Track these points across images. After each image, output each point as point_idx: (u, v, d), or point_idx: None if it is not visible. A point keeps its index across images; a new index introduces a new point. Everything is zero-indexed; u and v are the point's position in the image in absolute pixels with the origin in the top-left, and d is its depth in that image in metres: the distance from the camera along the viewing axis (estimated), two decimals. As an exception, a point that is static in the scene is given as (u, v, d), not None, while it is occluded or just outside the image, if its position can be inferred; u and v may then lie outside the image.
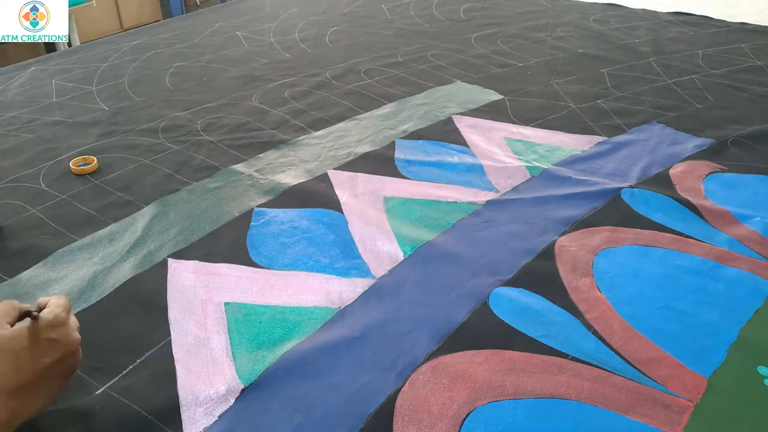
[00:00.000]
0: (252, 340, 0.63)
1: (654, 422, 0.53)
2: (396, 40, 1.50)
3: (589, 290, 0.68)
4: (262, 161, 0.96)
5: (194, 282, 0.70)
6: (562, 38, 1.48)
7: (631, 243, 0.75)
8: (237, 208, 0.84)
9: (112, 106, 1.16)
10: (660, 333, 0.62)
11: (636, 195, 0.84)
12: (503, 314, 0.65)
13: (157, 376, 0.58)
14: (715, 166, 0.92)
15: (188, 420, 0.54)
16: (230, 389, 0.57)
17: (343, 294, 0.68)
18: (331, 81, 1.26)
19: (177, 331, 0.64)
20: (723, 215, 0.80)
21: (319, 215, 0.82)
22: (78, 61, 1.40)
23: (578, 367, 0.58)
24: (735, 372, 0.58)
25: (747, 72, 1.26)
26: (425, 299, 0.67)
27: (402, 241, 0.76)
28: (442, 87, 1.22)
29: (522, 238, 0.77)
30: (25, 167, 0.96)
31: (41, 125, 1.10)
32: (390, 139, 1.01)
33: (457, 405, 0.55)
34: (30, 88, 1.26)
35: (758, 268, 0.71)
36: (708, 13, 1.63)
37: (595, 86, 1.21)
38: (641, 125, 1.05)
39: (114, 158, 0.97)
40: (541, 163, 0.93)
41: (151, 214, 0.83)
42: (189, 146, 1.01)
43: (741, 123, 1.04)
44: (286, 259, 0.74)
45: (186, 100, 1.18)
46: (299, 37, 1.54)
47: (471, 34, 1.53)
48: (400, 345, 0.61)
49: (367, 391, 0.56)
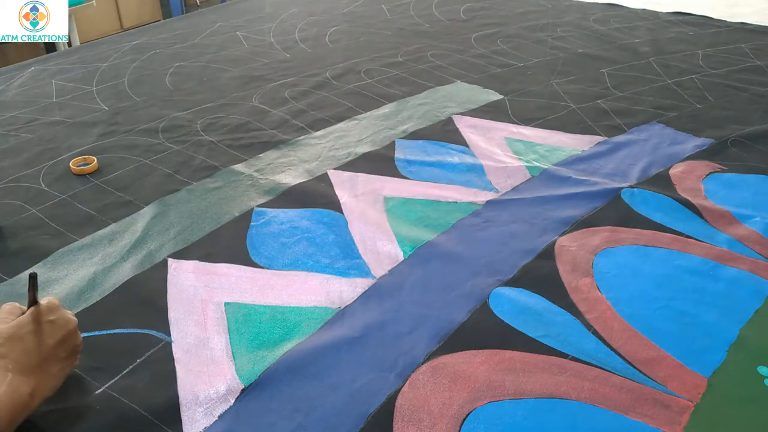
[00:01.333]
0: (252, 340, 0.63)
1: (654, 422, 0.53)
2: (396, 40, 1.50)
3: (589, 290, 0.68)
4: (262, 161, 0.96)
5: (194, 282, 0.70)
6: (562, 38, 1.48)
7: (631, 243, 0.75)
8: (237, 208, 0.84)
9: (112, 106, 1.16)
10: (660, 333, 0.62)
11: (636, 195, 0.84)
12: (503, 314, 0.65)
13: (157, 376, 0.58)
14: (715, 166, 0.92)
15: (188, 420, 0.54)
16: (230, 389, 0.57)
17: (343, 294, 0.68)
18: (331, 81, 1.26)
19: (177, 331, 0.64)
20: (723, 215, 0.80)
21: (319, 215, 0.82)
22: (78, 61, 1.40)
23: (578, 367, 0.58)
24: (735, 372, 0.58)
25: (747, 72, 1.26)
26: (425, 299, 0.67)
27: (402, 241, 0.76)
28: (442, 87, 1.22)
29: (522, 238, 0.77)
30: (25, 167, 0.96)
31: (41, 125, 1.10)
32: (390, 139, 1.01)
33: (457, 405, 0.55)
34: (30, 88, 1.26)
35: (758, 268, 0.71)
36: (708, 13, 1.63)
37: (595, 86, 1.21)
38: (641, 125, 1.05)
39: (114, 158, 0.97)
40: (541, 163, 0.93)
41: (151, 214, 0.83)
42: (189, 146, 1.01)
43: (741, 123, 1.04)
44: (286, 259, 0.74)
45: (186, 100, 1.18)
46: (299, 37, 1.54)
47: (471, 34, 1.53)
48: (400, 345, 0.61)
49: (367, 391, 0.56)
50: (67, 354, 0.55)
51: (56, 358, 0.53)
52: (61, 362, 0.54)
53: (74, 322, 0.56)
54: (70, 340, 0.55)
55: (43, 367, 0.52)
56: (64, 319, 0.55)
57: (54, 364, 0.53)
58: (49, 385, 0.53)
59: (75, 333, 0.56)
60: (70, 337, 0.55)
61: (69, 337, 0.55)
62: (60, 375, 0.54)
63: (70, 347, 0.55)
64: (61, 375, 0.54)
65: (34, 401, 0.51)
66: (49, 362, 0.53)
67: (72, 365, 0.56)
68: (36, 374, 0.51)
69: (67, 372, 0.55)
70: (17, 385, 0.49)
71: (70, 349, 0.55)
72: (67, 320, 0.55)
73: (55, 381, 0.54)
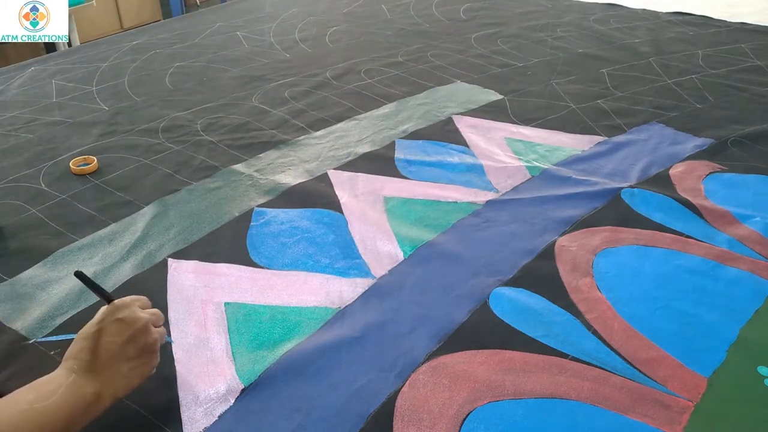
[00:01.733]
0: (252, 340, 0.63)
1: (654, 422, 0.53)
2: (396, 40, 1.50)
3: (589, 290, 0.68)
4: (262, 161, 0.96)
5: (194, 282, 0.70)
6: (562, 38, 1.48)
7: (631, 243, 0.75)
8: (237, 208, 0.84)
9: (112, 106, 1.16)
10: (660, 333, 0.62)
11: (636, 195, 0.84)
12: (503, 314, 0.65)
13: (157, 376, 0.58)
14: (715, 166, 0.92)
15: (188, 420, 0.54)
16: (230, 389, 0.57)
17: (343, 294, 0.68)
18: (331, 81, 1.26)
19: (177, 331, 0.64)
20: (723, 215, 0.80)
21: (319, 215, 0.82)
22: (78, 61, 1.40)
23: (578, 367, 0.58)
24: (735, 372, 0.58)
25: (747, 72, 1.26)
26: (425, 299, 0.67)
27: (402, 241, 0.76)
28: (442, 87, 1.22)
29: (522, 238, 0.77)
30: (25, 167, 0.96)
31: (41, 125, 1.10)
32: (390, 139, 1.01)
33: (457, 405, 0.55)
34: (30, 88, 1.26)
35: (758, 268, 0.71)
36: (708, 13, 1.63)
37: (595, 86, 1.21)
38: (641, 125, 1.05)
39: (114, 158, 0.97)
40: (541, 163, 0.93)
41: (151, 214, 0.83)
42: (189, 146, 1.01)
43: (741, 123, 1.04)
44: (286, 259, 0.74)
45: (186, 100, 1.18)
46: (299, 37, 1.54)
47: (471, 34, 1.53)
48: (400, 345, 0.61)
49: (367, 391, 0.56)
50: (137, 353, 0.53)
51: (125, 357, 0.52)
52: (130, 361, 0.52)
53: (143, 320, 0.54)
54: (139, 339, 0.53)
55: (111, 366, 0.51)
56: (132, 318, 0.53)
57: (123, 363, 0.52)
58: (120, 385, 0.52)
59: (145, 331, 0.54)
60: (139, 335, 0.53)
61: (138, 336, 0.53)
62: (132, 374, 0.53)
63: (140, 346, 0.53)
64: (133, 374, 0.53)
65: (101, 401, 0.50)
66: (118, 361, 0.52)
67: (147, 365, 0.54)
68: (103, 373, 0.51)
69: (142, 372, 0.54)
70: (80, 385, 0.49)
71: (140, 348, 0.53)
72: (135, 319, 0.54)
73: (127, 380, 0.52)
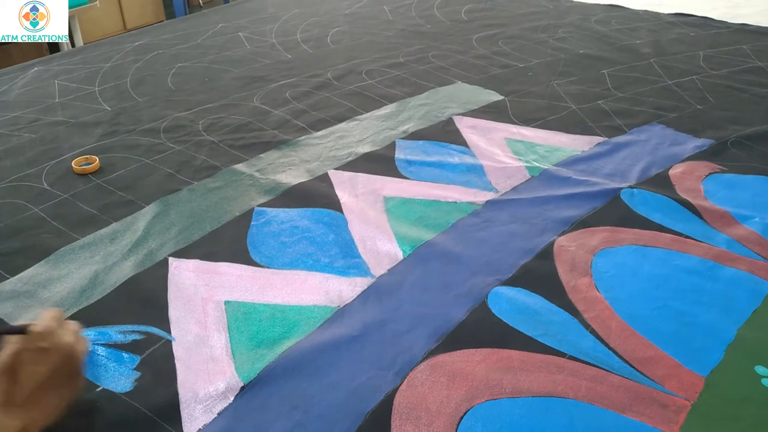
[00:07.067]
0: (252, 338, 0.63)
1: (651, 421, 0.53)
2: (397, 40, 1.50)
3: (588, 290, 0.68)
4: (263, 161, 0.96)
5: (195, 281, 0.71)
6: (563, 39, 1.49)
7: (631, 243, 0.75)
8: (238, 208, 0.84)
9: (115, 107, 1.17)
10: (658, 332, 0.62)
11: (635, 195, 0.84)
12: (501, 313, 0.65)
13: (157, 374, 0.59)
14: (714, 166, 0.92)
15: (188, 417, 0.55)
16: (230, 387, 0.57)
17: (343, 293, 0.69)
18: (332, 81, 1.26)
19: (177, 329, 0.64)
20: (722, 216, 0.80)
21: (319, 215, 0.82)
22: (81, 62, 1.40)
23: (576, 366, 0.59)
24: (732, 371, 0.58)
25: (748, 73, 1.26)
26: (424, 298, 0.68)
27: (401, 240, 0.77)
28: (443, 87, 1.22)
29: (521, 238, 0.77)
30: (28, 167, 0.96)
31: (44, 125, 1.10)
32: (390, 140, 1.01)
33: (455, 403, 0.55)
34: (33, 88, 1.27)
35: (757, 269, 0.71)
36: (709, 14, 1.63)
37: (595, 87, 1.21)
38: (641, 126, 1.05)
39: (116, 158, 0.98)
40: (540, 163, 0.94)
41: (152, 214, 0.83)
42: (190, 146, 1.01)
43: (741, 124, 1.04)
44: (286, 258, 0.74)
45: (188, 101, 1.18)
46: (301, 37, 1.55)
47: (472, 35, 1.53)
48: (398, 344, 0.62)
49: (366, 389, 0.57)
50: (64, 381, 0.51)
51: (52, 386, 0.50)
52: (58, 390, 0.50)
53: (68, 346, 0.51)
54: (65, 367, 0.51)
55: (36, 398, 0.49)
56: (56, 345, 0.50)
57: (50, 393, 0.49)
58: (46, 416, 0.49)
59: (71, 358, 0.51)
60: (66, 363, 0.51)
61: (65, 364, 0.51)
62: (59, 404, 0.51)
63: (65, 373, 0.51)
64: (60, 404, 0.51)
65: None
66: (44, 392, 0.49)
67: (73, 391, 0.52)
68: (28, 406, 0.48)
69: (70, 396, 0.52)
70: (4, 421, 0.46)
71: (66, 375, 0.51)
72: (59, 345, 0.51)
73: (54, 411, 0.50)
